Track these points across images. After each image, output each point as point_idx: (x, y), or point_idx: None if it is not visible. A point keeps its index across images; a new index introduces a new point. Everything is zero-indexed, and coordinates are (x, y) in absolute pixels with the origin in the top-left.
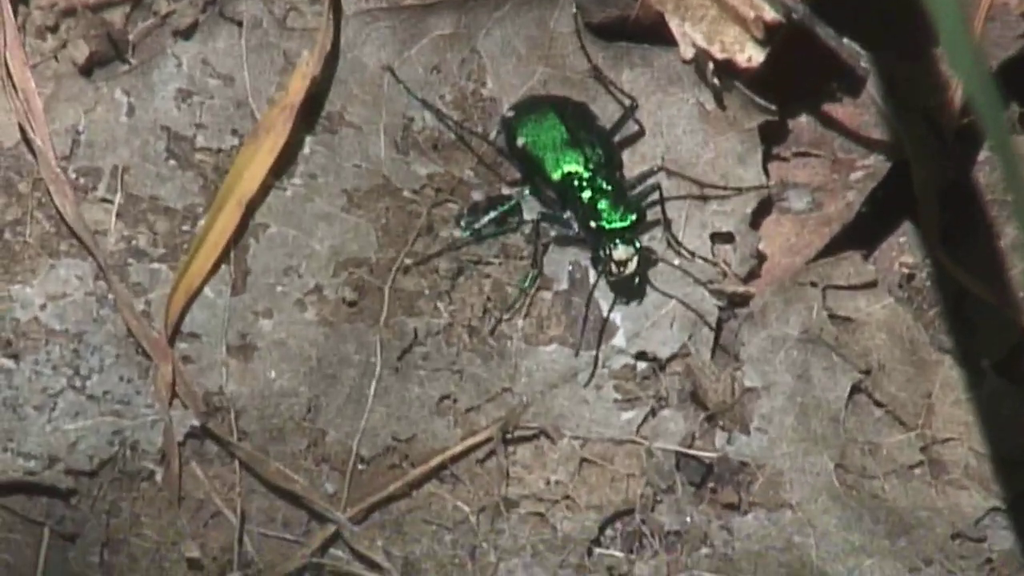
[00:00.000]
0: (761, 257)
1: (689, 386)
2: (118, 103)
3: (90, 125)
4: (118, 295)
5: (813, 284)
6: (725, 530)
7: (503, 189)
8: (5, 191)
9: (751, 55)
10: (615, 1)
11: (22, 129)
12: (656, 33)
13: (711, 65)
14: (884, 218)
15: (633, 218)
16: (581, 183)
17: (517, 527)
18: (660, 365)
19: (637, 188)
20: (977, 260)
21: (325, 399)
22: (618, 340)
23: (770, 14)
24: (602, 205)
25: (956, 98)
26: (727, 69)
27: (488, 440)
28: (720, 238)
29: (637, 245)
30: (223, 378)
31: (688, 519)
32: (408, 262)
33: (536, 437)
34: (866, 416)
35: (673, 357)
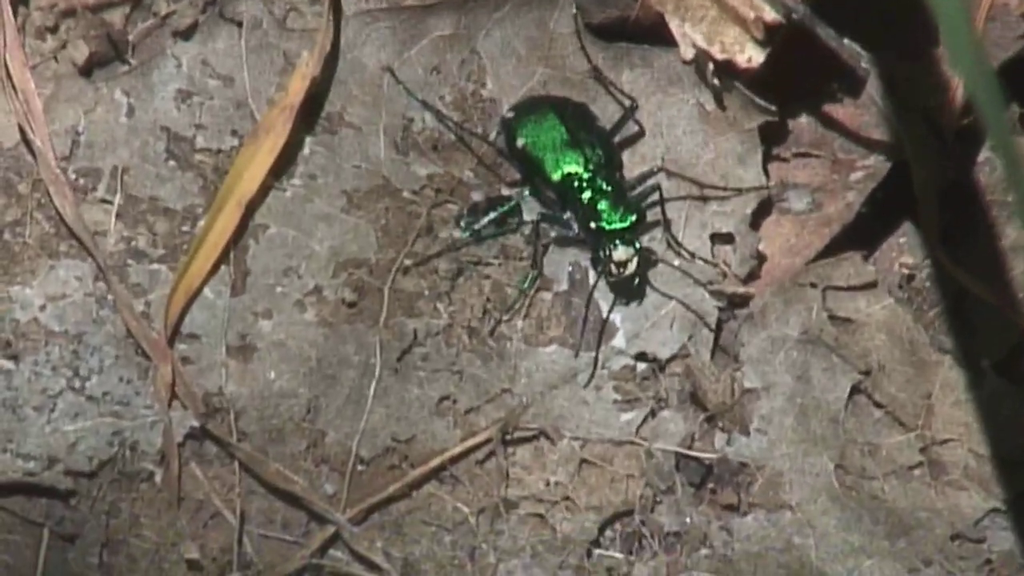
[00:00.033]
0: (761, 258)
1: (689, 387)
2: (118, 104)
3: (90, 126)
4: (118, 296)
5: (813, 285)
6: (725, 531)
7: (503, 190)
8: (5, 192)
9: (751, 55)
10: (615, 2)
11: (22, 130)
12: (656, 34)
13: (711, 66)
14: (884, 219)
15: (633, 219)
16: (581, 184)
17: (517, 528)
18: (660, 366)
19: (637, 189)
20: (977, 261)
21: (325, 400)
22: (618, 341)
23: (770, 14)
24: (602, 206)
25: (956, 98)
26: (727, 70)
27: (488, 441)
28: (720, 239)
29: (637, 246)
30: (223, 379)
31: (688, 520)
32: (408, 263)
33: (536, 438)
34: (866, 417)
35: (673, 358)
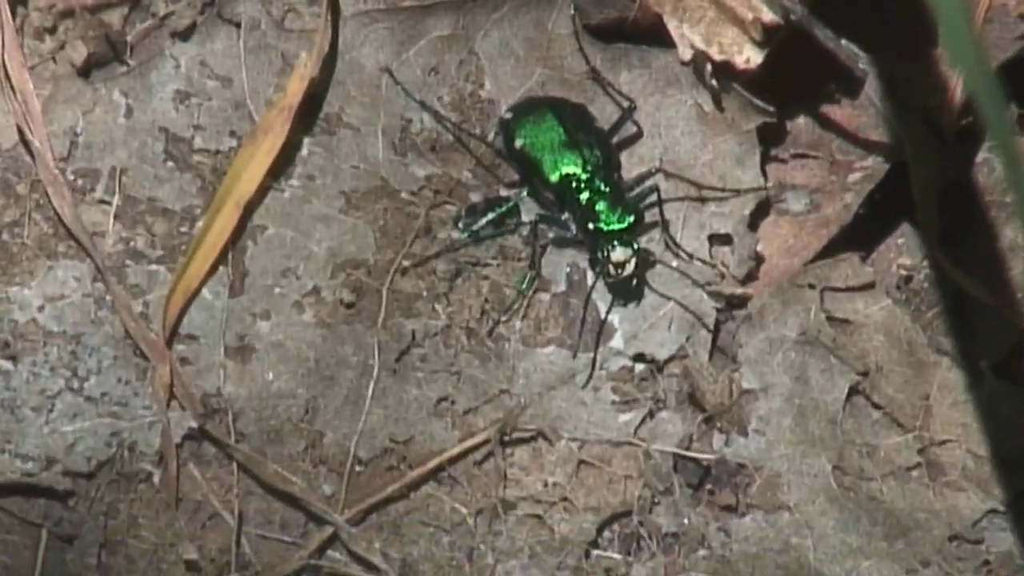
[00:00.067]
0: (759, 259)
1: (687, 388)
2: (116, 104)
3: (88, 126)
4: (116, 297)
5: (811, 286)
6: (723, 532)
7: (501, 191)
8: (3, 192)
9: (749, 56)
10: (613, 2)
11: (20, 130)
12: (654, 34)
13: (709, 66)
14: (882, 220)
15: (631, 220)
16: (579, 185)
17: (515, 529)
18: (658, 367)
19: (635, 190)
20: (976, 261)
21: (323, 401)
22: (616, 342)
23: (768, 15)
24: (600, 207)
25: (956, 98)
26: (725, 70)
27: (486, 442)
28: (718, 240)
29: (635, 247)
30: (221, 380)
31: (686, 521)
32: (406, 264)
33: (534, 439)
34: (864, 418)
35: (671, 359)
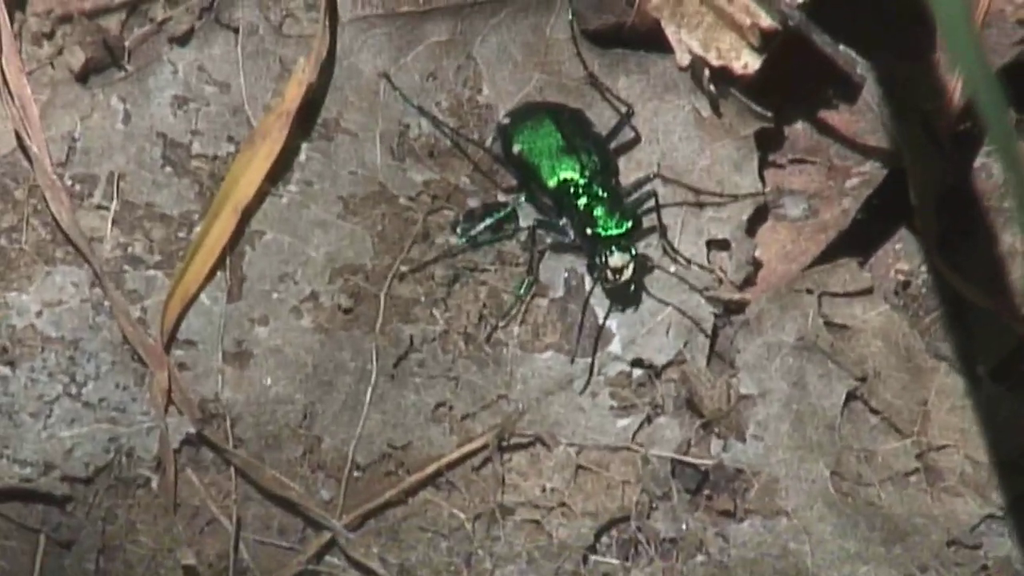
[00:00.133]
0: (757, 264)
1: (685, 393)
2: (114, 110)
3: (86, 132)
4: (114, 302)
5: (809, 291)
6: (721, 537)
7: (499, 196)
8: (1, 198)
9: (747, 62)
10: (611, 8)
11: (18, 136)
12: (652, 40)
13: (707, 72)
14: (880, 225)
15: (629, 225)
16: (577, 190)
17: (513, 534)
18: (656, 372)
19: (633, 195)
20: (974, 266)
21: (321, 406)
22: (614, 347)
23: (766, 21)
24: (598, 212)
25: (954, 102)
26: (723, 76)
27: (484, 447)
28: (716, 245)
29: (633, 252)
30: (219, 385)
31: (684, 526)
32: (404, 269)
33: (532, 444)
34: (862, 423)
35: (669, 364)
